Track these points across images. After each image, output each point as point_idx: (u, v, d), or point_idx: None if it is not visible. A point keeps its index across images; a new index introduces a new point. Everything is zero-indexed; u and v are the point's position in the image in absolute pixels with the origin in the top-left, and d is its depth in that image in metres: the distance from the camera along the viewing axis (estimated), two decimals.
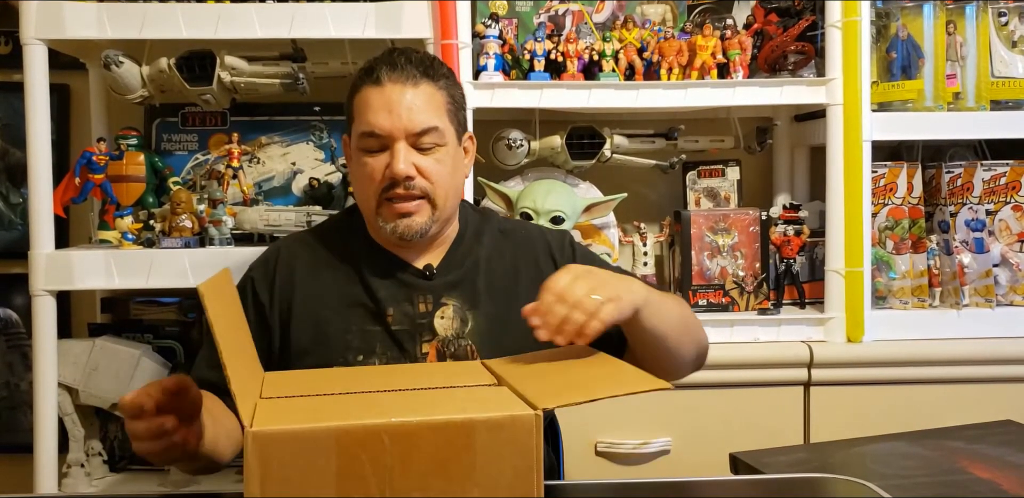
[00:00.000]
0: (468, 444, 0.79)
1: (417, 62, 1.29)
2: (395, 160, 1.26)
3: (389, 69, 1.28)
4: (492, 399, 0.89)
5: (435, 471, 0.79)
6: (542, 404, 0.83)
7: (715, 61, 1.91)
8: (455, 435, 0.79)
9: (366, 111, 1.28)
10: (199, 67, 1.80)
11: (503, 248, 1.39)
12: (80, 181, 1.80)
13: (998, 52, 1.99)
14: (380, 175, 1.28)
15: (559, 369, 1.04)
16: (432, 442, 0.78)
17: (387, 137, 1.27)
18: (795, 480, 1.16)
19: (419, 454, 0.78)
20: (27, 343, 2.12)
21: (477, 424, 0.80)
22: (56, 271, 1.73)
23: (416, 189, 1.27)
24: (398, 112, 1.26)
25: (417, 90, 1.27)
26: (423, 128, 1.27)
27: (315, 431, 0.76)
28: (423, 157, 1.28)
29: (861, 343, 1.88)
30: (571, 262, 1.36)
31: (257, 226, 1.85)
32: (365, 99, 1.28)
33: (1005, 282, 1.97)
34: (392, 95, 1.26)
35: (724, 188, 2.11)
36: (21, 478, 1.80)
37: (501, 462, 0.80)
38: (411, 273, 1.34)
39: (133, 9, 1.74)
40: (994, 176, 2.00)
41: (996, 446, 1.31)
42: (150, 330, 1.94)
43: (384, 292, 1.31)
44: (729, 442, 1.42)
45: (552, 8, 2.04)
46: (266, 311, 1.33)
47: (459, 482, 0.79)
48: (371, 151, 1.29)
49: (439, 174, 1.29)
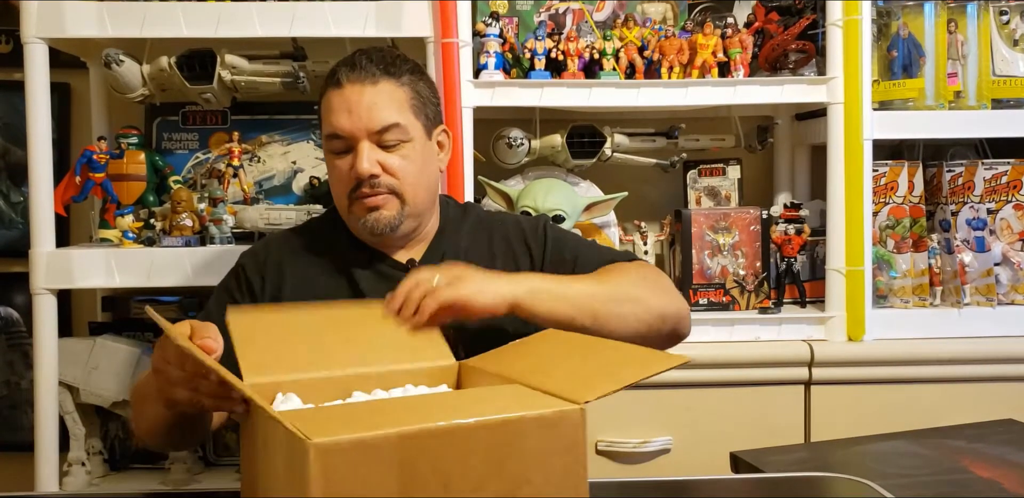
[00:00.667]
0: (521, 443, 0.78)
1: (378, 61, 1.30)
2: (357, 160, 1.27)
3: (348, 70, 1.29)
4: (525, 396, 0.88)
5: (491, 472, 0.78)
6: (582, 398, 0.83)
7: (716, 60, 1.91)
8: (511, 434, 0.78)
9: (329, 114, 1.29)
10: (199, 66, 1.81)
11: (480, 239, 1.40)
12: (81, 180, 1.80)
13: (999, 51, 1.99)
14: (347, 175, 1.29)
15: (554, 361, 1.03)
16: (488, 442, 0.77)
17: (350, 137, 1.28)
18: (796, 479, 1.16)
19: (475, 456, 0.77)
20: (28, 342, 2.12)
21: (529, 422, 0.79)
22: (57, 270, 1.73)
23: (382, 186, 1.29)
24: (358, 112, 1.27)
25: (376, 88, 1.28)
26: (383, 125, 1.27)
27: (377, 439, 0.74)
28: (388, 154, 1.29)
29: (862, 342, 1.88)
30: (543, 245, 1.39)
31: (258, 225, 1.85)
32: (328, 102, 1.30)
33: (1006, 281, 1.97)
34: (351, 96, 1.27)
35: (725, 187, 2.11)
36: (22, 476, 1.80)
37: (552, 459, 0.79)
38: (392, 266, 1.35)
39: (134, 8, 1.74)
40: (995, 175, 1.99)
41: (997, 445, 1.31)
42: (151, 329, 1.94)
43: (365, 283, 1.33)
44: (730, 441, 1.42)
45: (553, 6, 2.04)
46: (257, 295, 1.35)
47: (513, 481, 0.78)
48: (338, 152, 1.30)
49: (405, 170, 1.30)
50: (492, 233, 1.41)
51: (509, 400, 0.86)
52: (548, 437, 0.79)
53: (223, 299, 1.35)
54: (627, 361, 0.96)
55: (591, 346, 1.06)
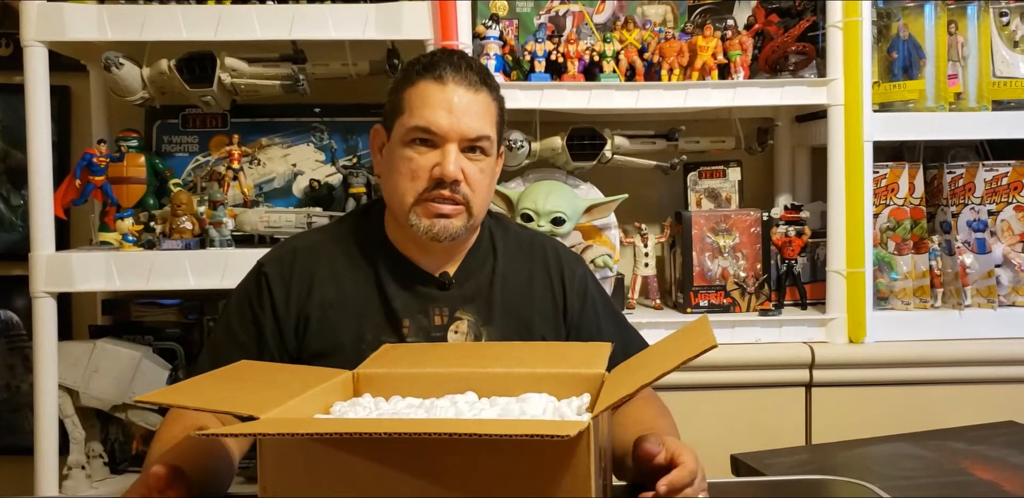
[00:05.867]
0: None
1: (477, 69, 1.28)
2: (446, 161, 1.24)
3: (453, 70, 1.26)
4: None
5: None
6: (625, 391, 0.83)
7: (716, 62, 1.91)
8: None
9: (423, 106, 1.25)
10: (199, 69, 1.80)
11: (519, 263, 1.37)
12: (81, 183, 1.80)
13: (999, 52, 1.99)
14: (426, 173, 1.25)
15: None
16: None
17: (441, 136, 1.24)
18: (797, 482, 1.16)
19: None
20: (28, 345, 2.12)
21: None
22: (57, 273, 1.73)
23: (459, 194, 1.26)
24: (458, 114, 1.24)
25: (477, 97, 1.26)
26: (478, 135, 1.26)
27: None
28: (470, 163, 1.27)
29: (863, 344, 1.88)
30: (580, 298, 1.37)
31: (257, 228, 1.85)
32: (424, 93, 1.25)
33: (1007, 282, 1.97)
34: (454, 96, 1.24)
35: (725, 189, 2.10)
36: (22, 480, 1.80)
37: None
38: (428, 282, 1.32)
39: (133, 11, 1.74)
40: (996, 176, 1.99)
41: (998, 447, 1.31)
42: (151, 332, 1.94)
43: (400, 302, 1.30)
44: (731, 443, 1.42)
45: (553, 9, 2.04)
46: (280, 312, 1.29)
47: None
48: (418, 146, 1.26)
49: (480, 183, 1.28)
50: (532, 261, 1.38)
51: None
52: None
53: (245, 316, 1.30)
54: (658, 350, 0.98)
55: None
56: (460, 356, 1.12)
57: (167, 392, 1.01)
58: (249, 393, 0.95)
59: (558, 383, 1.01)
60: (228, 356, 1.19)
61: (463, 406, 0.96)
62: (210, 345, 1.34)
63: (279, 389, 0.96)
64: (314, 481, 0.80)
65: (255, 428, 0.80)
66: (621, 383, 0.91)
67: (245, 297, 1.32)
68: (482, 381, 1.01)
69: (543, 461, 0.78)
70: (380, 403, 0.99)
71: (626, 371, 0.99)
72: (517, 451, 0.78)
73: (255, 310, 1.30)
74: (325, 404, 0.98)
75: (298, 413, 0.91)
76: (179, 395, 0.93)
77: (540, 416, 0.93)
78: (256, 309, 1.30)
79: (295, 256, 1.33)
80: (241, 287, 1.34)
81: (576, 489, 0.78)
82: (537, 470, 0.78)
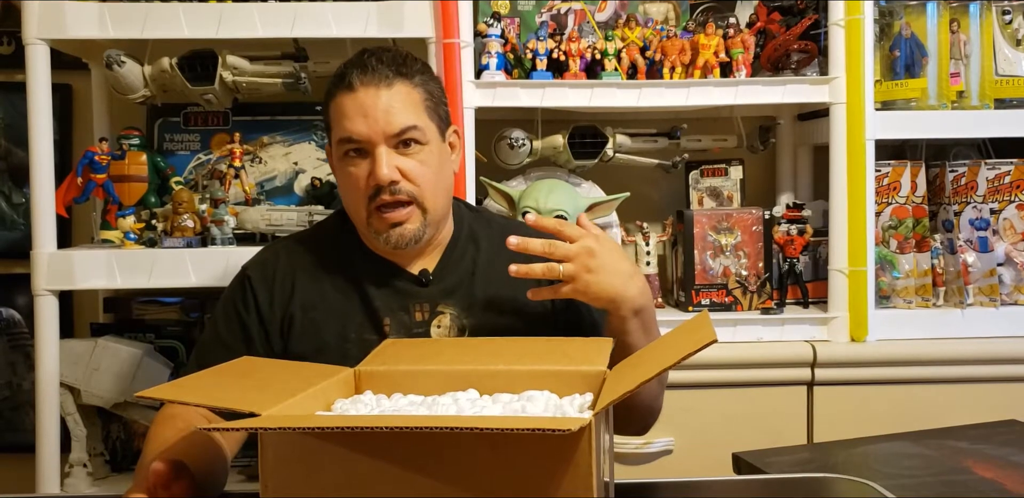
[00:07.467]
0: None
1: (389, 61, 1.26)
2: (377, 165, 1.23)
3: (360, 72, 1.25)
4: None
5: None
6: (626, 387, 0.83)
7: (718, 60, 1.90)
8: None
9: (342, 119, 1.25)
10: (201, 67, 1.80)
11: (500, 253, 1.34)
12: (82, 181, 1.80)
13: (1002, 50, 1.98)
14: (364, 182, 1.25)
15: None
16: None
17: (366, 142, 1.24)
18: (798, 480, 1.15)
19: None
20: (29, 343, 2.13)
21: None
22: (58, 271, 1.73)
23: (402, 193, 1.25)
24: (374, 116, 1.23)
25: (392, 91, 1.25)
26: (401, 128, 1.24)
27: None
28: (406, 159, 1.25)
29: (865, 343, 1.88)
30: None
31: (259, 226, 1.85)
32: (340, 106, 1.26)
33: (1009, 281, 1.97)
34: (366, 99, 1.24)
35: (727, 187, 2.10)
36: (23, 478, 1.80)
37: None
38: (406, 280, 1.32)
39: (135, 9, 1.74)
40: (998, 175, 1.99)
41: (1000, 446, 1.31)
42: (152, 330, 1.94)
43: (380, 301, 1.30)
44: (732, 442, 1.41)
45: (554, 7, 2.04)
46: (264, 313, 1.31)
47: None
48: (352, 159, 1.26)
49: (424, 176, 1.26)
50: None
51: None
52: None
53: (231, 317, 1.32)
54: (658, 346, 0.99)
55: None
56: (462, 352, 1.13)
57: (168, 388, 1.01)
58: (250, 390, 0.95)
59: (560, 380, 1.00)
60: (215, 358, 1.19)
61: (465, 403, 0.95)
62: (198, 348, 1.37)
63: (280, 386, 0.96)
64: (316, 479, 0.80)
65: (257, 423, 0.80)
66: (622, 380, 0.90)
67: (230, 301, 1.34)
68: (484, 378, 1.01)
69: (544, 457, 0.78)
70: (382, 400, 0.99)
71: (627, 367, 0.98)
72: (519, 447, 0.78)
73: (240, 313, 1.32)
74: (327, 401, 0.98)
75: (299, 410, 0.91)
76: (180, 391, 0.93)
77: (542, 414, 0.93)
78: (241, 311, 1.32)
79: (277, 259, 1.35)
80: (227, 291, 1.37)
81: (577, 485, 0.78)
82: (538, 466, 0.78)
